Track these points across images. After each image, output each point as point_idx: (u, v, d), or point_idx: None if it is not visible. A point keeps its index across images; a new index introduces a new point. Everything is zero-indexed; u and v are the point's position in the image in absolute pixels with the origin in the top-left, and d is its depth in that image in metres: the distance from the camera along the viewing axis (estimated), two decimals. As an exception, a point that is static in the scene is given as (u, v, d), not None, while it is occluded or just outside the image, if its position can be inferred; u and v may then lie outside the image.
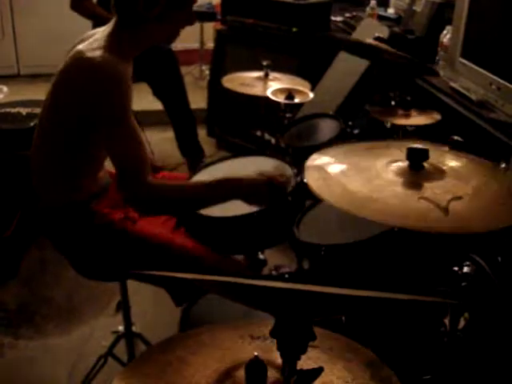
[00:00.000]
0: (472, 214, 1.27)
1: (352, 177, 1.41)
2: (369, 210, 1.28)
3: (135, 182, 1.75)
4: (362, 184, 1.36)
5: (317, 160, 1.53)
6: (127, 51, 1.83)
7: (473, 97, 2.46)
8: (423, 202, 1.26)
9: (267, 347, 1.14)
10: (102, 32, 1.85)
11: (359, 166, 1.46)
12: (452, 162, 1.46)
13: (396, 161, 1.42)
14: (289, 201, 1.99)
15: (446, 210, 1.23)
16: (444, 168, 1.39)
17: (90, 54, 1.74)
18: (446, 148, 1.90)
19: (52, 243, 2.01)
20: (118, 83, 1.73)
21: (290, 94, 2.68)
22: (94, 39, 1.82)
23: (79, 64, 1.76)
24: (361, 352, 1.17)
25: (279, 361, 1.04)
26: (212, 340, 1.17)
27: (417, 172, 1.37)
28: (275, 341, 1.08)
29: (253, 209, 1.94)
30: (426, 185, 1.34)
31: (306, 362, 1.01)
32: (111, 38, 1.80)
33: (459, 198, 1.27)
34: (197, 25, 5.65)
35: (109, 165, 2.15)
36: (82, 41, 1.86)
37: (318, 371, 1.00)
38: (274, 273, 2.56)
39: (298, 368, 0.99)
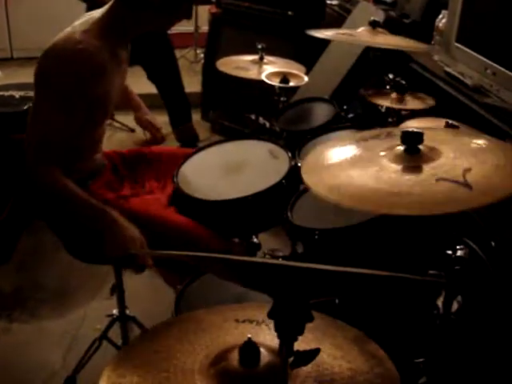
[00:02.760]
0: (492, 179, 1.24)
1: (356, 172, 1.36)
2: (392, 206, 1.24)
3: (34, 159, 1.76)
4: (368, 178, 1.32)
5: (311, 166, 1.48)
6: (120, 34, 1.82)
7: (468, 82, 2.45)
8: (442, 183, 1.24)
9: (254, 330, 1.14)
10: (96, 13, 1.84)
11: (356, 159, 1.43)
12: (446, 140, 1.44)
13: (390, 148, 1.40)
14: (283, 185, 1.99)
15: (467, 185, 1.21)
16: (439, 147, 1.37)
17: (75, 35, 1.74)
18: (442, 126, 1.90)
19: (47, 225, 2.01)
20: (87, 70, 1.73)
21: (284, 77, 2.67)
22: (86, 19, 1.82)
23: (59, 44, 1.76)
24: (345, 329, 1.18)
25: (267, 343, 1.05)
26: (197, 326, 1.18)
27: (413, 155, 1.36)
28: (262, 324, 1.09)
29: (247, 192, 1.94)
30: (425, 166, 1.32)
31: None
32: (105, 20, 1.80)
33: (469, 169, 1.25)
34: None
35: (103, 146, 2.15)
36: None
37: (314, 352, 1.01)
38: (267, 256, 2.57)
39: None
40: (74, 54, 1.71)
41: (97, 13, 1.85)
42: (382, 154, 1.38)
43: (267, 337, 1.11)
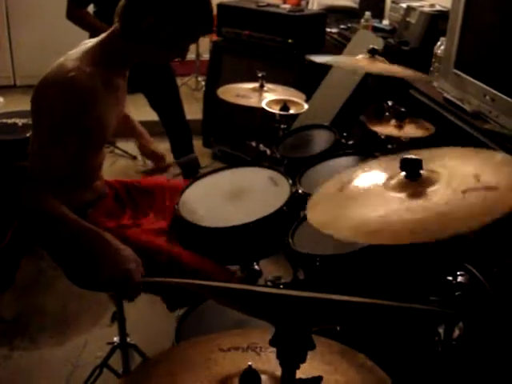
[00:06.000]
0: (506, 174, 1.26)
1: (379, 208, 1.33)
2: (442, 229, 1.21)
3: (32, 187, 1.75)
4: (395, 211, 1.30)
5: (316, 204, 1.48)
6: (116, 63, 1.83)
7: (467, 108, 2.47)
8: (469, 194, 1.24)
9: (243, 358, 1.14)
10: (91, 42, 1.86)
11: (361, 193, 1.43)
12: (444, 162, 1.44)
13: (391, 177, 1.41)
14: (284, 211, 2.00)
15: (491, 187, 1.21)
16: (439, 170, 1.38)
17: (66, 63, 1.75)
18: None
19: (48, 253, 2.01)
20: (77, 97, 1.72)
21: (285, 105, 2.69)
22: (80, 48, 1.83)
23: (53, 73, 1.77)
24: (329, 344, 1.18)
25: (262, 369, 1.05)
26: (183, 360, 1.16)
27: (414, 181, 1.36)
28: (248, 350, 1.09)
29: (248, 219, 1.94)
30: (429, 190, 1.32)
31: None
32: (101, 47, 1.81)
33: (478, 175, 1.26)
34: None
35: (105, 174, 2.17)
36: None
37: (317, 380, 1.01)
38: (269, 283, 2.56)
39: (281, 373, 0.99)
40: (64, 82, 1.71)
41: (91, 42, 1.87)
42: (381, 184, 1.39)
43: (259, 363, 1.11)
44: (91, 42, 1.87)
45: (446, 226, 1.20)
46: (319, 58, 2.44)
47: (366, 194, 1.39)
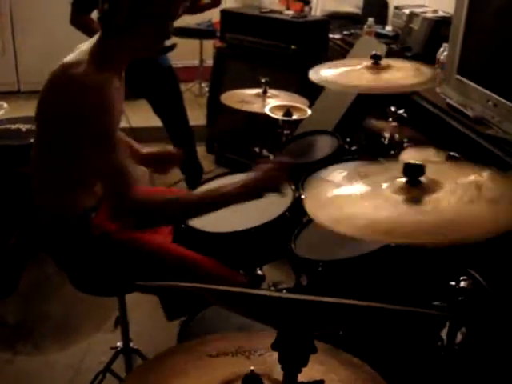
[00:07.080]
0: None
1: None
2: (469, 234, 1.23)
3: (119, 196, 1.74)
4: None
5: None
6: (110, 63, 1.83)
7: (469, 113, 2.47)
8: (476, 205, 1.25)
9: (232, 363, 1.13)
10: (88, 44, 1.86)
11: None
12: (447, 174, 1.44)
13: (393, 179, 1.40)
14: (287, 217, 2.00)
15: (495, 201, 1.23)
16: (441, 180, 1.37)
17: (72, 69, 1.75)
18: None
19: (52, 259, 2.01)
20: (99, 97, 1.72)
21: (288, 110, 2.69)
22: (79, 51, 1.84)
23: (62, 78, 1.78)
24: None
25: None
26: (173, 368, 1.15)
27: (415, 187, 1.36)
28: (238, 354, 1.09)
29: (250, 224, 1.95)
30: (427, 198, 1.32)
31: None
32: (95, 50, 1.81)
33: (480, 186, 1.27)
34: (196, 42, 5.70)
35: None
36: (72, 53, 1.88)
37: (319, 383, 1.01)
38: (272, 288, 2.56)
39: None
40: (86, 86, 1.71)
41: (86, 44, 1.87)
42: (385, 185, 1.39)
43: (251, 367, 1.10)
44: (85, 44, 1.87)
45: (457, 232, 1.21)
46: (318, 76, 2.39)
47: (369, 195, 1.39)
